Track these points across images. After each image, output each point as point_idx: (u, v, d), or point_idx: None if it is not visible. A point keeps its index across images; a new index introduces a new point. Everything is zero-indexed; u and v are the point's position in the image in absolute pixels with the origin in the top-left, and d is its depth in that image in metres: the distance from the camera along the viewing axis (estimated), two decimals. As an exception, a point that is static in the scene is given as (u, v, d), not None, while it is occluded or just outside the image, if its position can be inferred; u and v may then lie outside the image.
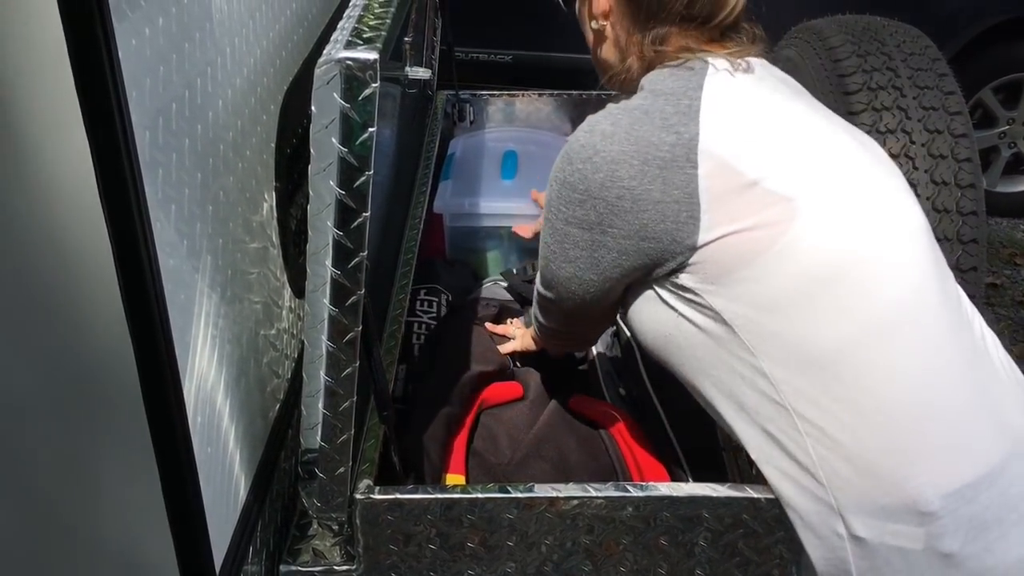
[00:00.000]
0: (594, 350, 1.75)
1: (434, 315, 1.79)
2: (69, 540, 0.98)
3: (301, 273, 1.17)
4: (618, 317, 1.84)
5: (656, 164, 1.10)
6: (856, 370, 1.09)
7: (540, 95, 2.48)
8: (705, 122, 1.11)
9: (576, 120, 2.46)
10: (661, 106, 1.13)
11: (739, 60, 1.19)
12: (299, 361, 1.40)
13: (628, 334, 1.77)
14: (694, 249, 1.11)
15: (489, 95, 2.51)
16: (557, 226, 1.19)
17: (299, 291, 1.38)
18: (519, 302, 1.89)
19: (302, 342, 1.39)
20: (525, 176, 2.22)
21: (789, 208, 1.09)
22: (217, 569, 1.04)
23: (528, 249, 2.08)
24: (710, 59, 1.17)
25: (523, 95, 2.49)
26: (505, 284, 1.96)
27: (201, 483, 0.99)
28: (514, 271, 1.95)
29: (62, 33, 0.74)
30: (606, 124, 1.14)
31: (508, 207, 2.11)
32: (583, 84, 2.49)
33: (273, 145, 1.28)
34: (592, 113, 1.19)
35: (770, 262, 1.09)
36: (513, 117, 2.52)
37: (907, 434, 1.09)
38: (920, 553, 1.09)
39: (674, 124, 1.11)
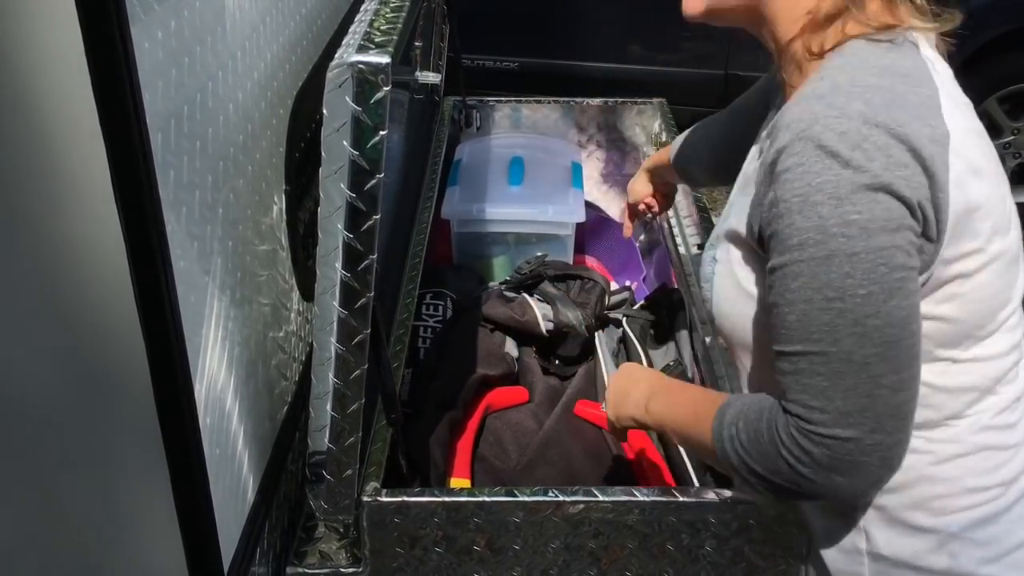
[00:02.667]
0: (601, 356, 1.76)
1: (440, 319, 1.80)
2: (79, 539, 0.98)
3: (310, 276, 1.18)
4: (623, 318, 1.84)
5: (919, 159, 0.92)
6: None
7: (546, 102, 2.49)
8: (948, 121, 0.96)
9: (583, 126, 2.47)
10: (903, 91, 0.96)
11: (938, 47, 1.04)
12: (307, 364, 1.41)
13: (633, 338, 1.78)
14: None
15: (496, 101, 2.52)
16: (856, 249, 0.91)
17: (308, 294, 1.39)
18: (524, 290, 1.89)
19: (310, 345, 1.40)
20: (532, 182, 2.23)
21: (983, 256, 0.99)
22: (225, 570, 1.04)
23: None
24: (915, 38, 1.01)
25: (529, 102, 2.50)
26: (508, 288, 1.96)
27: (210, 484, 0.99)
28: (512, 275, 1.96)
29: (80, 35, 0.74)
30: (858, 104, 0.93)
31: (515, 213, 2.12)
32: (588, 91, 2.51)
33: (282, 149, 1.29)
34: (597, 121, 1.16)
35: (950, 302, 1.00)
36: (519, 123, 2.52)
37: (941, 461, 1.06)
38: (940, 574, 1.07)
39: (923, 115, 0.94)
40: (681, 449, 1.52)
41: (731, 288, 1.10)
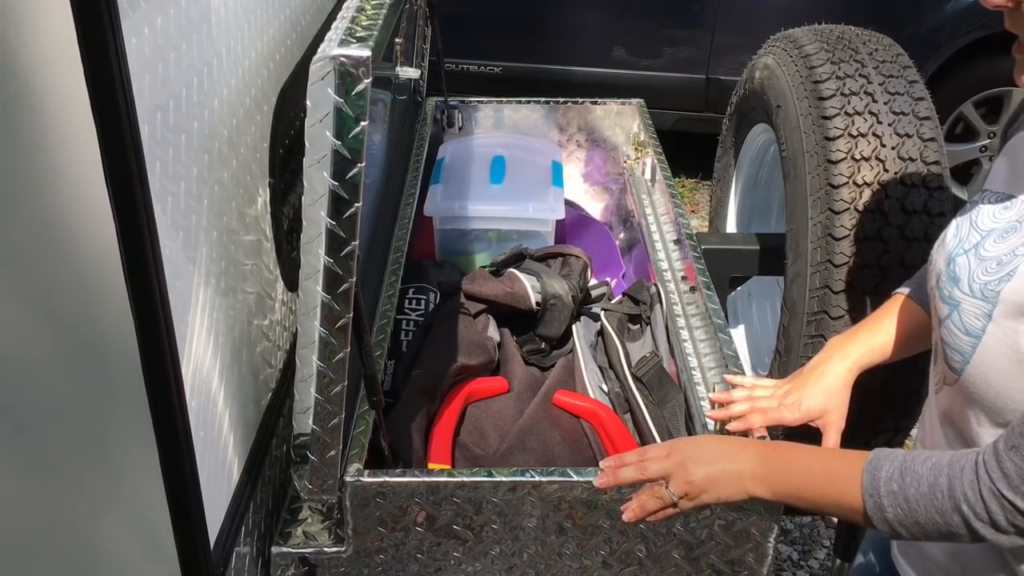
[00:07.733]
0: (578, 347, 1.80)
1: (422, 312, 1.84)
2: (69, 517, 1.02)
3: (294, 267, 1.22)
4: (601, 312, 1.88)
5: None
6: None
7: (527, 102, 2.55)
8: None
9: (563, 126, 2.52)
10: None
11: None
12: (291, 352, 1.44)
13: (611, 330, 1.82)
14: None
15: (478, 102, 2.57)
16: None
17: (292, 285, 1.42)
18: (510, 265, 1.92)
19: (294, 333, 1.44)
20: (513, 180, 2.27)
21: None
22: (211, 547, 1.08)
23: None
24: None
25: (511, 102, 2.55)
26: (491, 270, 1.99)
27: (197, 464, 1.03)
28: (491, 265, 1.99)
29: (74, 31, 0.78)
30: None
31: (496, 210, 2.17)
32: (572, 96, 2.56)
33: (267, 144, 1.32)
34: (578, 121, 1.11)
35: None
36: (501, 124, 2.57)
37: None
38: None
39: None
40: (656, 435, 1.56)
41: (1007, 360, 1.02)
